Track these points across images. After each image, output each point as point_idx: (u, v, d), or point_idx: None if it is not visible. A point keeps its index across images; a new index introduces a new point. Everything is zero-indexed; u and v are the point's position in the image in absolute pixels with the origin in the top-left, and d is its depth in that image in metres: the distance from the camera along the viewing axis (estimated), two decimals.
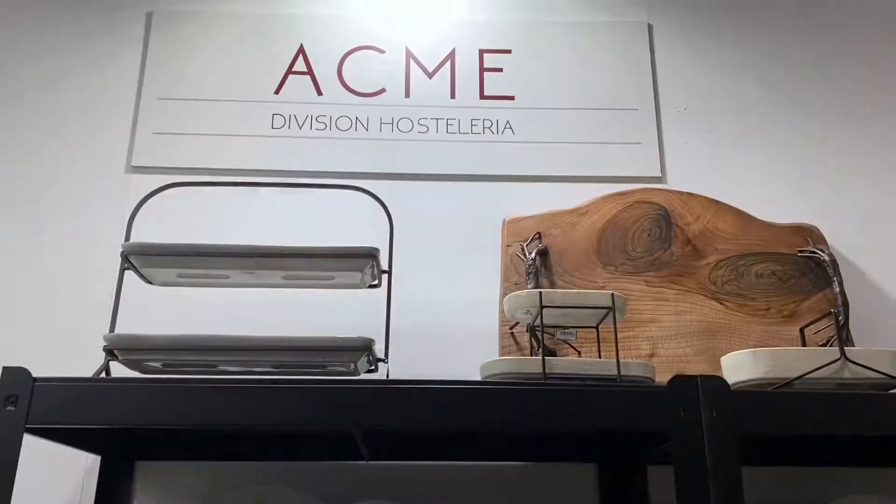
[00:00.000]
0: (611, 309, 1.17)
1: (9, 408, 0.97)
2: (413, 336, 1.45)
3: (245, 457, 1.34)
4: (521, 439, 1.38)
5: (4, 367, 0.98)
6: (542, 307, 1.16)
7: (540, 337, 1.34)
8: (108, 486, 1.30)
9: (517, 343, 1.41)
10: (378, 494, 1.29)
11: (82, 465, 1.35)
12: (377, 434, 1.27)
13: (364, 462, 1.37)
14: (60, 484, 1.33)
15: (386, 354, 1.18)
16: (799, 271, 1.47)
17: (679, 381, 1.02)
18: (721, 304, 1.44)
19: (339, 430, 1.07)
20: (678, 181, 1.59)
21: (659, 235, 1.48)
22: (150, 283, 1.26)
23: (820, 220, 1.54)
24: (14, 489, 0.93)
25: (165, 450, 1.35)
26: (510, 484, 1.37)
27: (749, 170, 1.63)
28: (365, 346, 1.12)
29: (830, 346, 1.34)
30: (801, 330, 1.27)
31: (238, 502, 1.29)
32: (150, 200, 1.52)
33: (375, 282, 1.28)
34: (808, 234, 1.51)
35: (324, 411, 0.99)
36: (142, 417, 0.98)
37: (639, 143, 1.61)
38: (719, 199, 1.53)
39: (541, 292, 1.17)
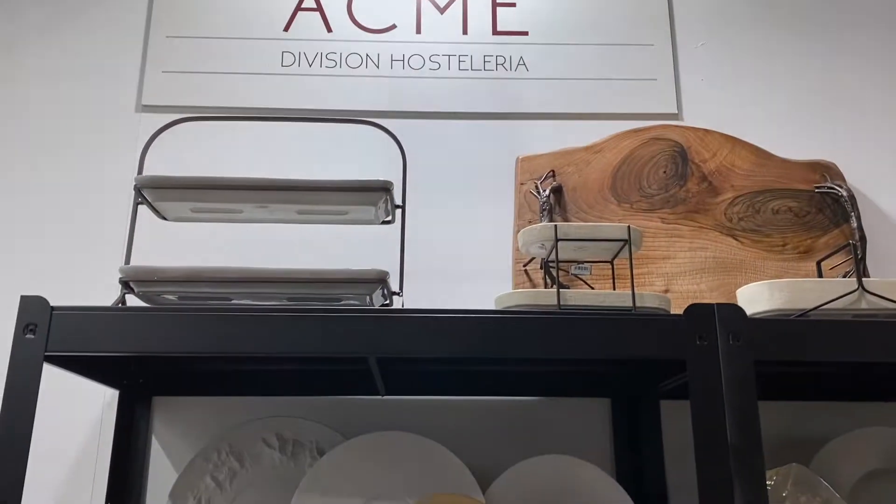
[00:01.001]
0: (626, 241, 1.16)
1: (28, 336, 0.97)
2: (426, 274, 1.45)
3: (262, 392, 1.36)
4: (534, 375, 1.38)
5: (23, 296, 0.99)
6: (556, 240, 1.16)
7: (554, 271, 1.33)
8: (126, 420, 1.32)
9: (531, 280, 1.40)
10: (393, 428, 1.31)
11: (101, 400, 1.36)
12: (392, 364, 1.28)
13: (380, 397, 1.38)
14: (81, 418, 1.35)
15: (400, 288, 1.18)
16: (816, 207, 1.45)
17: (695, 309, 1.01)
18: (736, 240, 1.43)
19: (354, 357, 1.08)
20: (695, 118, 1.57)
21: (675, 172, 1.47)
22: (164, 218, 1.26)
23: (838, 156, 1.52)
24: (36, 421, 0.94)
25: (182, 385, 1.36)
26: (524, 419, 1.38)
27: (767, 106, 1.60)
28: (379, 279, 1.12)
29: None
30: (818, 263, 1.26)
31: (256, 434, 1.31)
32: (161, 140, 1.51)
33: (389, 217, 1.27)
34: (826, 170, 1.49)
35: (339, 339, 0.99)
36: (159, 345, 0.98)
37: (655, 80, 1.58)
38: (736, 136, 1.51)
39: (556, 225, 1.16)
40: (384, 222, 1.28)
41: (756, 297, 1.13)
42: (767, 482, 1.18)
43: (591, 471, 1.25)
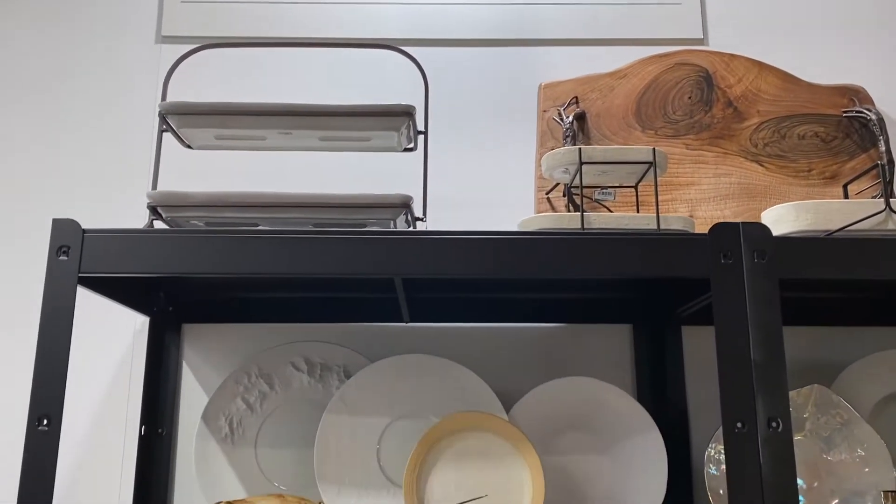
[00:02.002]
0: (651, 164, 1.16)
1: (61, 258, 0.99)
2: (448, 204, 1.46)
3: (289, 319, 1.38)
4: (557, 302, 1.40)
5: (55, 219, 1.00)
6: (581, 164, 1.15)
7: (578, 196, 1.33)
8: (157, 346, 1.35)
9: (553, 208, 1.40)
10: (418, 353, 1.33)
11: (132, 327, 1.39)
12: (417, 291, 1.30)
13: (404, 324, 1.40)
14: (113, 344, 1.39)
15: (424, 213, 1.19)
16: (843, 132, 1.43)
17: (720, 227, 1.01)
18: (762, 166, 1.41)
19: (379, 279, 1.09)
20: (720, 43, 1.54)
21: (700, 98, 1.45)
22: (189, 146, 1.27)
23: (867, 80, 1.49)
24: (72, 348, 0.97)
25: (211, 313, 1.39)
26: (547, 345, 1.40)
27: (794, 30, 1.56)
28: (404, 203, 1.13)
29: None
30: (845, 186, 1.24)
31: (284, 358, 1.34)
32: (183, 75, 1.52)
33: (411, 145, 1.27)
34: (854, 94, 1.46)
35: (365, 260, 1.01)
36: (188, 267, 1.00)
37: (679, 4, 1.55)
38: (763, 61, 1.48)
39: (580, 148, 1.16)
40: (406, 149, 1.28)
41: (781, 219, 1.13)
42: None
43: (612, 391, 1.27)
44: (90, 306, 1.39)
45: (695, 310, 1.23)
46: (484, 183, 1.47)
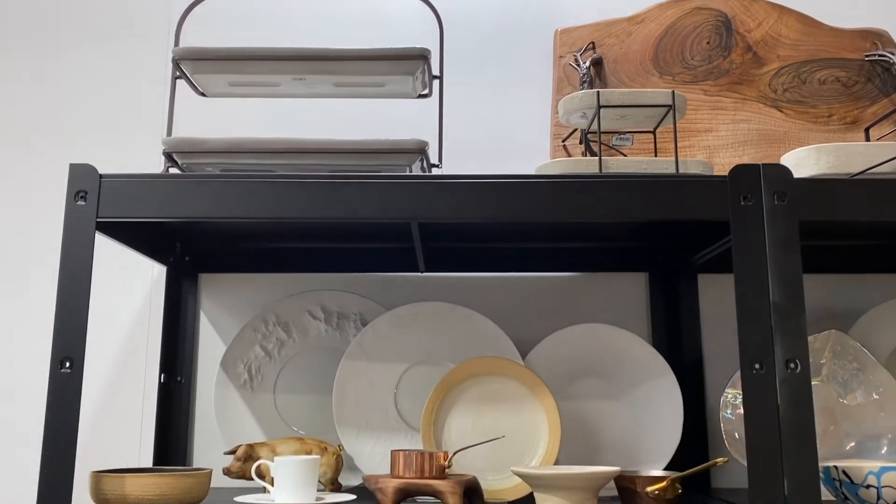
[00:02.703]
0: (670, 108, 1.15)
1: (79, 202, 1.00)
2: (462, 152, 1.45)
3: (305, 269, 1.38)
4: (572, 251, 1.39)
5: (72, 164, 1.00)
6: (599, 107, 1.14)
7: (595, 143, 1.32)
8: (174, 296, 1.36)
9: (569, 156, 1.39)
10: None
11: (149, 277, 1.40)
12: (432, 240, 1.29)
13: (420, 273, 1.40)
14: (132, 293, 1.40)
15: (440, 159, 1.18)
16: (865, 77, 1.41)
17: (740, 169, 1.00)
18: (781, 112, 1.39)
19: (395, 223, 1.09)
20: None
21: (718, 43, 1.42)
22: (203, 94, 1.26)
23: (890, 23, 1.46)
24: (91, 297, 0.98)
25: (227, 263, 1.39)
26: (562, 294, 1.40)
27: None
28: (419, 149, 1.12)
29: None
30: (867, 130, 1.23)
31: (301, 307, 1.34)
32: (193, 31, 1.50)
33: (426, 90, 1.26)
34: (877, 37, 1.43)
35: (381, 205, 1.00)
36: (204, 211, 1.00)
37: None
38: (783, 4, 1.45)
39: (598, 91, 1.14)
40: (421, 95, 1.27)
41: (801, 162, 1.12)
42: None
43: (628, 337, 1.27)
44: (108, 256, 1.39)
45: (711, 256, 1.23)
46: (499, 131, 1.46)
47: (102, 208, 1.00)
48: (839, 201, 1.00)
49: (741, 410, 1.18)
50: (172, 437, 1.32)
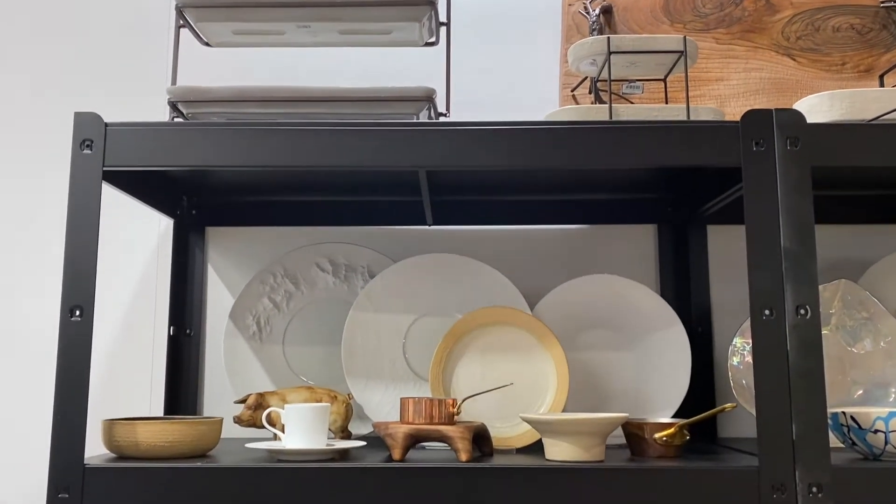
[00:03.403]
0: (682, 54, 1.13)
1: (85, 151, 0.99)
2: (470, 103, 1.43)
3: (312, 222, 1.38)
4: (581, 203, 1.38)
5: (77, 113, 1.00)
6: (609, 53, 1.12)
7: (605, 92, 1.30)
8: (182, 249, 1.36)
9: (578, 105, 1.37)
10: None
11: (157, 230, 1.40)
12: (440, 193, 1.28)
13: (427, 227, 1.39)
14: (139, 246, 1.40)
15: (447, 108, 1.17)
16: (879, 24, 1.38)
17: (753, 114, 0.99)
18: (794, 60, 1.37)
19: (403, 171, 1.08)
20: None
21: None
22: (208, 44, 1.24)
23: None
24: (99, 247, 0.97)
25: (234, 216, 1.39)
26: (571, 246, 1.40)
27: None
28: (427, 96, 1.11)
29: None
30: (881, 77, 1.21)
31: (309, 259, 1.34)
32: None
33: (433, 38, 1.24)
34: None
35: (389, 152, 0.99)
36: (211, 159, 0.99)
37: None
38: None
39: (609, 37, 1.12)
40: (428, 44, 1.25)
41: (814, 109, 1.10)
42: None
43: (636, 288, 1.26)
44: (115, 209, 1.39)
45: (721, 206, 1.22)
46: (508, 82, 1.44)
47: (108, 157, 0.99)
48: (853, 146, 0.99)
49: (749, 359, 1.18)
50: (182, 390, 1.33)
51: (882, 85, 1.19)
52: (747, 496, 0.92)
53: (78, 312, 0.96)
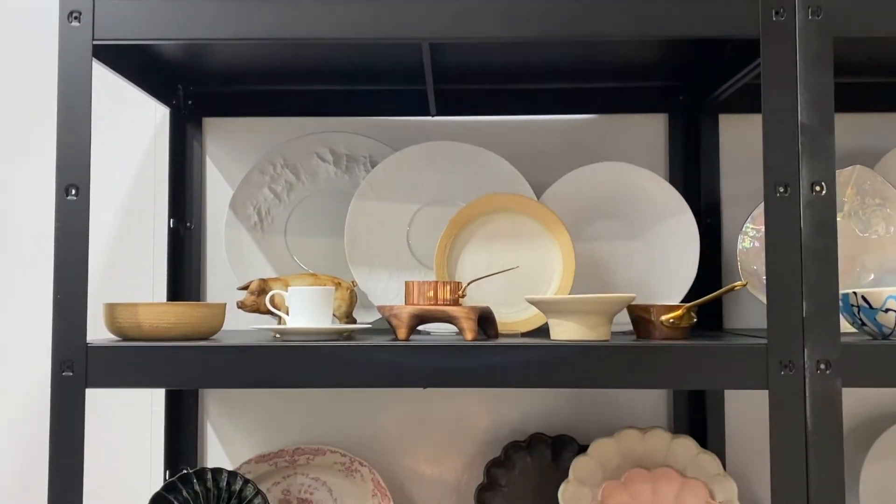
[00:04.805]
0: None
1: (73, 23, 0.95)
2: None
3: (312, 112, 1.34)
4: (590, 92, 1.34)
5: None
6: None
7: None
8: (179, 140, 1.33)
9: None
10: None
11: (153, 120, 1.37)
12: (444, 79, 1.24)
13: (431, 118, 1.36)
14: (135, 137, 1.37)
15: None
16: None
17: None
18: None
19: (405, 42, 1.03)
20: None
21: None
22: None
23: None
24: (93, 138, 0.94)
25: (232, 106, 1.35)
26: (579, 136, 1.36)
27: None
28: None
29: None
30: None
31: (309, 149, 1.31)
32: None
33: None
34: None
35: (391, 21, 0.94)
36: (205, 31, 0.95)
37: None
38: None
39: None
40: None
41: None
42: None
43: (645, 175, 1.24)
44: (108, 98, 1.35)
45: (734, 90, 1.17)
46: None
47: (98, 30, 0.95)
48: (877, 16, 0.94)
49: (759, 243, 1.16)
50: (185, 283, 1.32)
51: None
52: (754, 373, 0.91)
53: (74, 191, 0.93)
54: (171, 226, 1.31)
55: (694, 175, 1.33)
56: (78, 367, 0.91)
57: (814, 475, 0.90)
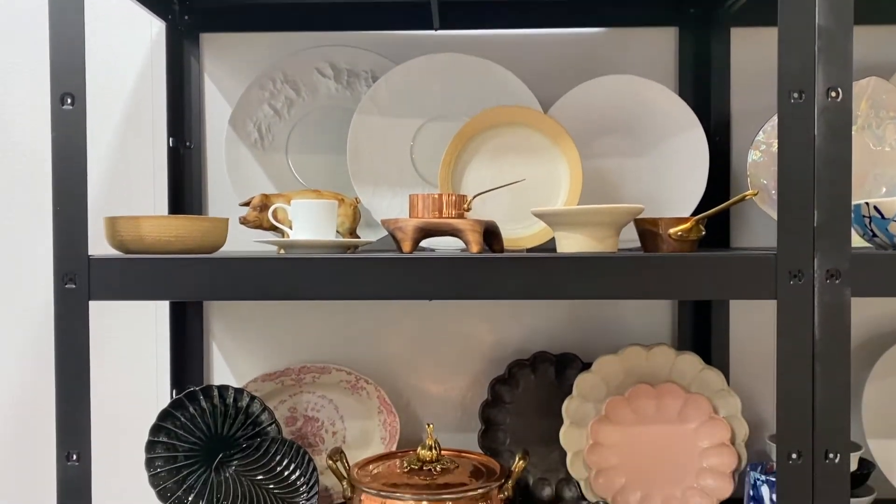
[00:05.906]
0: None
1: None
2: None
3: (311, 27, 1.30)
4: (598, 3, 1.30)
5: None
6: None
7: None
8: (176, 58, 1.29)
9: None
10: None
11: (148, 36, 1.33)
12: None
13: (434, 32, 1.32)
14: (131, 52, 1.33)
15: None
16: None
17: None
18: None
19: None
20: None
21: None
22: None
23: None
24: (87, 57, 0.91)
25: (229, 21, 1.31)
26: (587, 51, 1.32)
27: None
28: None
29: None
30: None
31: (309, 64, 1.28)
32: None
33: None
34: None
35: None
36: None
37: None
38: None
39: None
40: None
41: None
42: None
43: (654, 88, 1.20)
44: (102, 9, 1.31)
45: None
46: None
47: None
48: None
49: (770, 157, 1.14)
50: (186, 202, 1.30)
51: None
52: (763, 283, 0.90)
53: (69, 100, 0.91)
54: (171, 145, 1.29)
55: (704, 91, 1.29)
56: (80, 280, 0.91)
57: (820, 385, 0.90)
